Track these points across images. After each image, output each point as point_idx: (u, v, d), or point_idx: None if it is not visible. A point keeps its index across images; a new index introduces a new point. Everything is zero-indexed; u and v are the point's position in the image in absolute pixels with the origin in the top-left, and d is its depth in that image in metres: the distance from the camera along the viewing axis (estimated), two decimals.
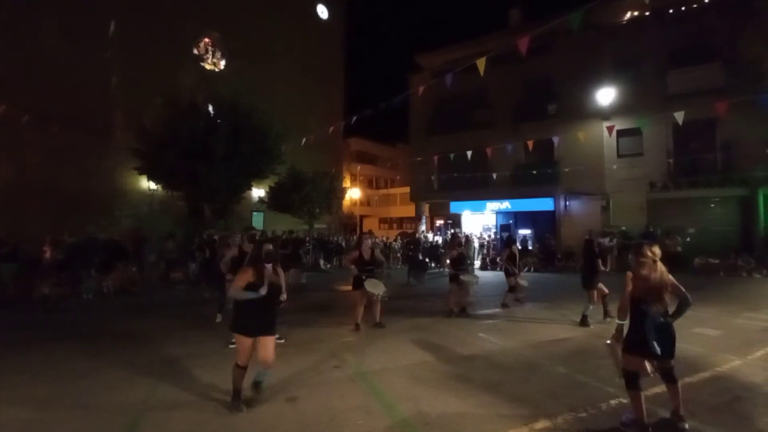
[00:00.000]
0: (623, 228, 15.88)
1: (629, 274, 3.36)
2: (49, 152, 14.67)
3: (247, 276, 3.81)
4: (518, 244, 9.27)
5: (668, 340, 3.23)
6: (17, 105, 12.93)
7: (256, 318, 3.77)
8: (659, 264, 3.33)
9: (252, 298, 3.71)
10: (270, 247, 4.00)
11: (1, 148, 13.83)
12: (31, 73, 14.50)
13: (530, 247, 17.54)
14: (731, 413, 3.64)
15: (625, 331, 3.43)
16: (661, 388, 3.68)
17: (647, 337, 3.16)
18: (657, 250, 3.37)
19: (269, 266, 3.91)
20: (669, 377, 3.38)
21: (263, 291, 3.73)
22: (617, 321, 3.49)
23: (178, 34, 18.19)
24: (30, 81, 14.41)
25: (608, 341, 3.72)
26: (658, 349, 3.15)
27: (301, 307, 8.45)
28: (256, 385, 3.92)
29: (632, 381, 3.29)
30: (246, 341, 3.78)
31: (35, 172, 14.44)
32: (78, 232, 11.72)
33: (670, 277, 3.35)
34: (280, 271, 4.10)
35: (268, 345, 3.82)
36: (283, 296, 4.01)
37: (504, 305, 8.65)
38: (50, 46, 14.82)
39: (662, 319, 3.24)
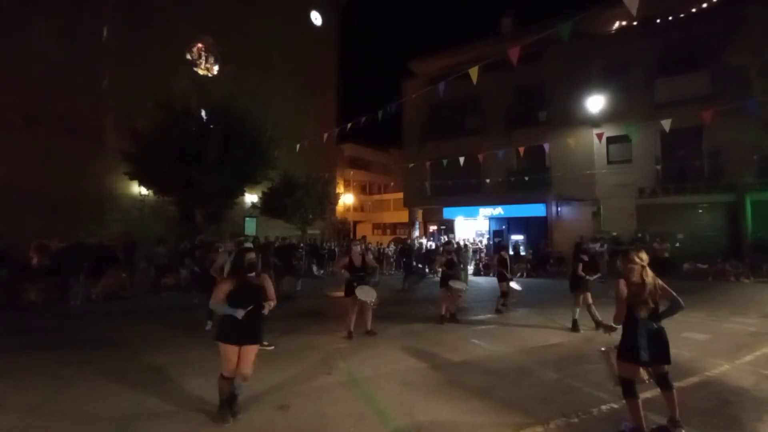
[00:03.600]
0: (614, 233, 16.05)
1: (622, 281, 3.34)
2: (39, 155, 14.46)
3: (226, 287, 3.75)
4: (510, 249, 9.25)
5: (662, 345, 3.24)
6: (7, 107, 12.78)
7: (240, 326, 3.65)
8: (648, 269, 3.35)
9: (229, 313, 3.65)
10: (252, 255, 3.85)
11: None
12: (21, 75, 14.32)
13: (522, 253, 17.63)
14: (720, 417, 3.67)
15: (619, 338, 3.44)
16: (651, 393, 3.71)
17: (637, 344, 3.18)
18: (644, 255, 3.39)
19: (252, 275, 3.82)
20: (664, 383, 3.35)
21: (239, 314, 3.62)
22: (613, 324, 3.50)
23: (172, 38, 18.11)
24: (20, 83, 14.23)
25: (602, 348, 3.73)
26: (646, 356, 3.17)
27: (293, 314, 8.40)
28: (233, 398, 3.76)
29: (628, 389, 3.28)
30: (230, 350, 3.67)
31: (25, 175, 14.21)
32: (67, 237, 11.54)
33: (660, 281, 3.37)
34: (266, 278, 3.97)
35: (248, 355, 3.72)
36: (267, 307, 3.80)
37: (497, 311, 8.68)
38: (41, 48, 14.67)
39: (655, 326, 3.25)
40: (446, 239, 17.64)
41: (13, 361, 5.51)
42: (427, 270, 15.79)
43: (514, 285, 8.71)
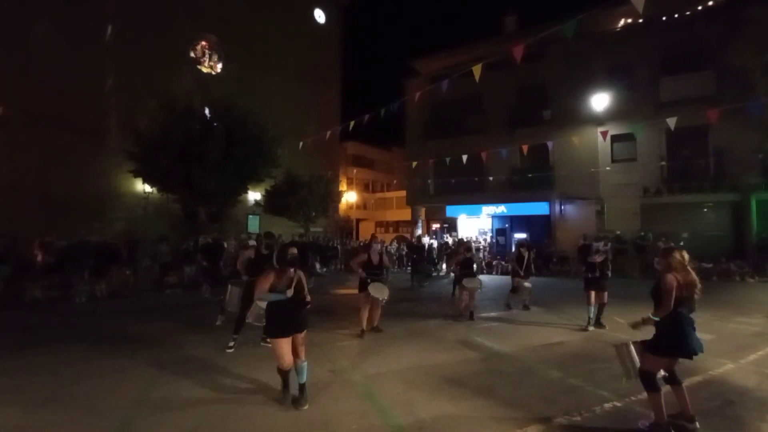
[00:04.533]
0: (618, 232, 15.98)
1: (670, 275, 3.37)
2: (43, 154, 14.56)
3: (270, 278, 3.90)
4: (525, 247, 9.10)
5: (697, 338, 3.35)
6: (11, 106, 12.85)
7: (290, 318, 3.89)
8: (689, 267, 3.43)
9: (277, 300, 3.84)
10: (295, 250, 4.05)
11: None
12: (25, 74, 14.41)
13: None
14: (723, 417, 3.67)
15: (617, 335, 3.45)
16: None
17: (688, 339, 3.27)
18: (686, 254, 3.47)
19: (292, 270, 3.97)
20: (674, 379, 3.45)
21: (290, 293, 3.86)
22: (652, 316, 3.44)
23: (175, 37, 18.17)
24: (24, 82, 14.31)
25: (628, 341, 3.65)
26: (695, 349, 3.26)
27: None
28: (301, 388, 3.97)
29: (652, 381, 3.34)
30: (285, 343, 3.85)
31: (28, 173, 14.32)
32: (71, 235, 11.61)
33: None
34: (302, 273, 4.14)
35: (298, 340, 3.95)
36: (309, 297, 4.08)
37: (507, 305, 8.73)
38: (45, 47, 14.74)
39: (692, 320, 3.37)
40: (449, 238, 17.67)
41: (17, 358, 5.54)
42: (432, 269, 15.79)
43: (525, 283, 8.67)
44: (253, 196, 18.27)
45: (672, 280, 3.34)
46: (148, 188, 15.49)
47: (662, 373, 3.47)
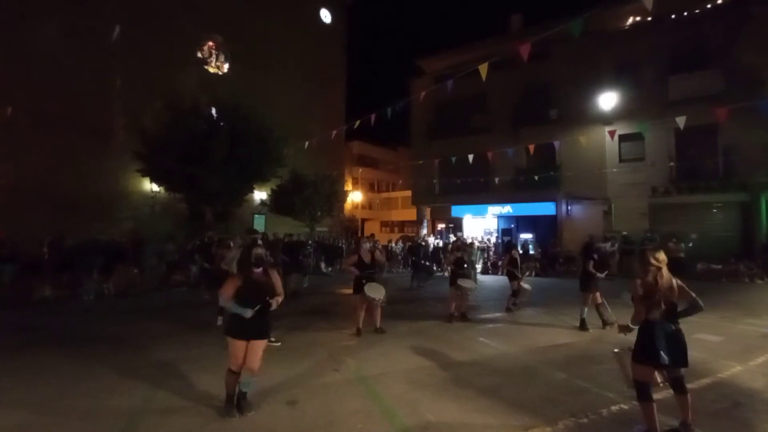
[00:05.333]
0: (624, 233, 15.85)
1: (638, 281, 3.29)
2: (50, 154, 14.71)
3: (234, 283, 3.74)
4: (519, 248, 9.25)
5: (679, 348, 3.16)
6: (18, 106, 13.00)
7: (247, 322, 3.66)
8: (665, 270, 3.27)
9: (239, 312, 3.63)
10: (260, 250, 3.86)
11: (1, 149, 13.86)
12: (32, 75, 14.55)
13: (531, 251, 17.49)
14: (731, 419, 3.63)
15: (631, 338, 3.39)
16: (662, 394, 3.66)
17: (656, 346, 3.10)
18: (661, 256, 3.31)
19: (259, 270, 3.82)
20: (679, 387, 3.30)
21: (248, 314, 3.62)
22: (630, 324, 3.42)
23: (182, 37, 18.28)
24: (31, 82, 14.46)
25: (616, 350, 3.68)
26: (666, 358, 3.08)
27: (301, 311, 8.45)
28: (242, 395, 3.78)
29: (643, 391, 3.21)
30: (239, 345, 3.70)
31: (36, 173, 14.46)
32: (78, 234, 11.72)
33: (679, 282, 3.28)
34: (274, 273, 3.98)
35: (256, 350, 3.74)
36: (275, 302, 3.82)
37: (507, 309, 8.69)
38: (52, 47, 14.89)
39: (672, 327, 3.18)
40: (454, 237, 17.62)
41: (23, 357, 5.59)
42: (435, 268, 15.76)
43: (524, 285, 8.74)
44: (259, 195, 18.34)
45: (639, 287, 3.26)
46: (155, 188, 15.60)
47: (660, 382, 3.37)
